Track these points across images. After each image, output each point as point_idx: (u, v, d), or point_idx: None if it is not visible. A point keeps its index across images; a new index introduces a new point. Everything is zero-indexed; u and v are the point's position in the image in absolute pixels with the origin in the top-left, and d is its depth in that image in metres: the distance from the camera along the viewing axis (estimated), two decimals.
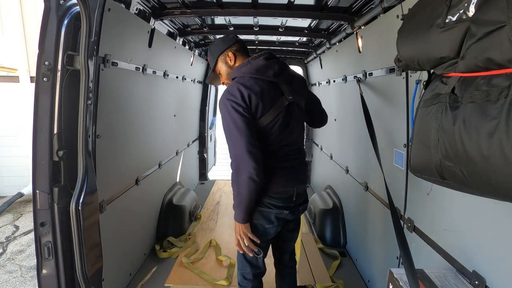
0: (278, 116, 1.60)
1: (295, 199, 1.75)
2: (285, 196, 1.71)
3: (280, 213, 1.71)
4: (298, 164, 1.79)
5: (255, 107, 1.53)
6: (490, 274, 1.21)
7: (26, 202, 5.27)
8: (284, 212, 1.73)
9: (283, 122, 1.62)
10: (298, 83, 1.78)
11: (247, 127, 1.50)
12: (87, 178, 1.70)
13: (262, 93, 1.55)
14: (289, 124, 1.66)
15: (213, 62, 1.77)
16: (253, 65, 1.62)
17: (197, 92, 4.96)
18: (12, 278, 3.26)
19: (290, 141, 1.71)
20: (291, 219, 1.80)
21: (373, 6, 2.22)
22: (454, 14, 0.96)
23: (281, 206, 1.70)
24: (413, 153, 1.17)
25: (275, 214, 1.71)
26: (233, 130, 1.50)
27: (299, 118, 1.76)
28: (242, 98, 1.51)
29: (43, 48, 1.55)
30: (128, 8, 2.13)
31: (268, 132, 1.60)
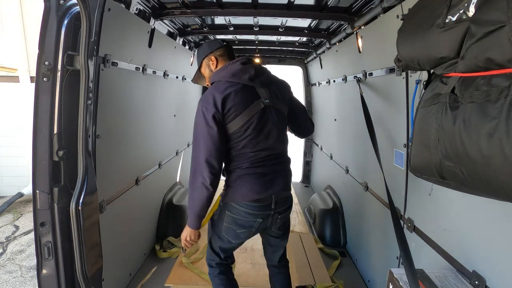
0: (252, 119, 1.61)
1: (274, 207, 1.71)
2: (261, 204, 1.67)
3: (254, 221, 1.70)
4: (278, 170, 1.73)
5: (227, 110, 1.56)
6: (490, 274, 1.21)
7: (26, 202, 5.27)
8: (258, 221, 1.70)
9: (257, 125, 1.62)
10: (279, 88, 1.78)
11: (210, 136, 1.56)
12: (87, 178, 1.70)
13: (236, 96, 1.58)
14: (264, 128, 1.65)
15: (198, 64, 1.83)
16: (229, 69, 1.66)
17: (197, 92, 4.96)
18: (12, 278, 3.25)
19: (267, 145, 1.68)
20: (267, 226, 1.77)
21: (373, 6, 2.22)
22: (454, 14, 0.96)
23: (256, 214, 1.69)
24: (413, 153, 1.17)
25: (248, 221, 1.70)
26: (199, 136, 1.60)
27: (279, 123, 1.73)
28: (214, 103, 1.55)
29: (43, 48, 1.55)
30: (128, 8, 2.13)
31: (241, 135, 1.61)
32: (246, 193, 1.66)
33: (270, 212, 1.72)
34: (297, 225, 3.71)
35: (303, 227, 3.65)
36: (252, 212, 1.68)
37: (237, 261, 2.79)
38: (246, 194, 1.65)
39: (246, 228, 1.72)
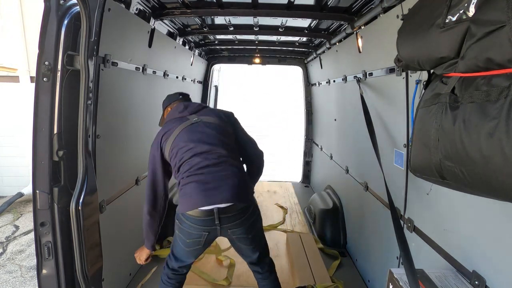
0: (181, 132, 1.81)
1: (218, 222, 1.63)
2: (202, 218, 1.63)
3: (199, 235, 1.69)
4: (222, 178, 1.67)
5: (165, 139, 1.83)
6: (490, 274, 1.21)
7: (26, 202, 5.27)
8: (204, 234, 1.68)
9: (185, 134, 1.79)
10: (215, 112, 1.99)
11: (155, 167, 1.85)
12: (87, 178, 1.70)
13: (169, 126, 1.86)
14: (194, 135, 1.78)
15: (162, 111, 2.14)
16: (169, 113, 2.00)
17: (197, 92, 4.96)
18: (12, 278, 3.25)
19: (204, 150, 1.72)
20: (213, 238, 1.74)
21: (373, 6, 2.22)
22: (454, 14, 0.96)
23: (198, 228, 1.67)
24: (413, 153, 1.17)
25: (192, 233, 1.69)
26: (148, 168, 1.88)
27: (214, 131, 1.82)
28: (157, 138, 1.86)
29: (43, 48, 1.55)
30: (128, 8, 2.13)
31: (175, 147, 1.78)
32: (186, 203, 1.67)
33: (215, 227, 1.66)
34: (297, 225, 3.71)
35: (303, 227, 3.65)
36: (193, 225, 1.67)
37: (237, 261, 2.79)
38: (186, 205, 1.67)
39: (193, 238, 1.71)
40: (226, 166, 1.72)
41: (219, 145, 1.76)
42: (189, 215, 1.66)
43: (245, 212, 1.70)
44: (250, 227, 1.75)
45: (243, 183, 1.74)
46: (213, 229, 1.68)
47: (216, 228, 1.67)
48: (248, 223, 1.73)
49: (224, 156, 1.74)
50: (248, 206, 1.72)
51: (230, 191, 1.65)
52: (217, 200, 1.63)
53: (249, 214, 1.72)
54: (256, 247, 1.84)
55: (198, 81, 4.77)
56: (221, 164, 1.72)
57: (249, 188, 1.82)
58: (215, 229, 1.68)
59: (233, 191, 1.66)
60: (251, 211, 1.74)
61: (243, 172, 1.82)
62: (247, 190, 1.76)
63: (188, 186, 1.68)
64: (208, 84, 5.17)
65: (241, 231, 1.73)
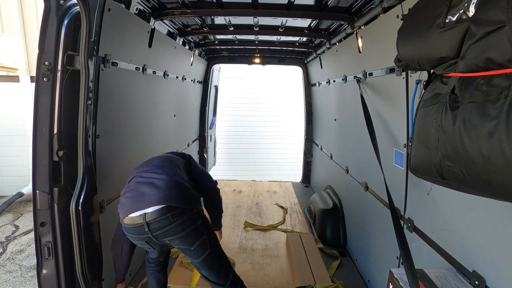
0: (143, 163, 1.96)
1: (147, 229, 1.59)
2: (131, 225, 1.62)
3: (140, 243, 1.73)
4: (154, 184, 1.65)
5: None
6: (490, 274, 1.21)
7: (26, 202, 5.27)
8: (143, 243, 1.71)
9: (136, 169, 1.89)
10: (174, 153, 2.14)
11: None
12: (87, 178, 1.70)
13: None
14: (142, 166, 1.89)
15: None
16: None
17: (197, 92, 4.96)
18: (12, 278, 3.25)
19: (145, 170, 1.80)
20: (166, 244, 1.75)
21: (373, 6, 2.22)
22: (454, 14, 0.96)
23: (134, 237, 1.69)
24: (413, 153, 1.17)
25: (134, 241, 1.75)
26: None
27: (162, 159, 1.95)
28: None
29: (43, 48, 1.55)
30: (128, 8, 2.13)
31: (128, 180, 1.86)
32: (120, 212, 1.69)
33: (148, 236, 1.62)
34: (297, 225, 3.71)
35: (303, 227, 3.65)
36: (129, 235, 1.70)
37: (237, 261, 2.79)
38: (120, 214, 1.69)
39: (139, 245, 1.78)
40: (164, 177, 1.71)
41: (162, 167, 1.81)
42: (124, 224, 1.66)
43: (178, 217, 1.59)
44: (188, 238, 1.64)
45: (178, 188, 1.68)
46: (147, 237, 1.64)
47: (149, 236, 1.62)
48: (184, 233, 1.62)
49: (164, 173, 1.75)
50: (183, 210, 1.61)
51: (159, 194, 1.61)
52: (144, 204, 1.59)
53: (184, 220, 1.61)
54: (204, 263, 1.72)
55: (198, 81, 4.77)
56: (158, 177, 1.71)
57: (188, 194, 1.71)
58: (149, 237, 1.64)
59: (163, 193, 1.62)
60: (189, 216, 1.63)
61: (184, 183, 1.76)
62: (182, 194, 1.66)
63: (123, 198, 1.70)
64: (208, 84, 5.17)
65: (179, 242, 1.65)
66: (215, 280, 1.81)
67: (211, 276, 1.80)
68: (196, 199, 1.77)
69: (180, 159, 2.06)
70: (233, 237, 3.34)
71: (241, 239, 3.28)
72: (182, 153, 2.24)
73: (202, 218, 1.74)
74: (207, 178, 2.12)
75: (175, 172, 1.81)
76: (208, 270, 1.78)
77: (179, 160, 2.02)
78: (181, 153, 2.23)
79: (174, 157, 2.04)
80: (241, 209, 4.14)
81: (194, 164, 2.14)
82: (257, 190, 5.00)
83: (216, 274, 1.79)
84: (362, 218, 2.73)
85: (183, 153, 2.24)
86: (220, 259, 1.82)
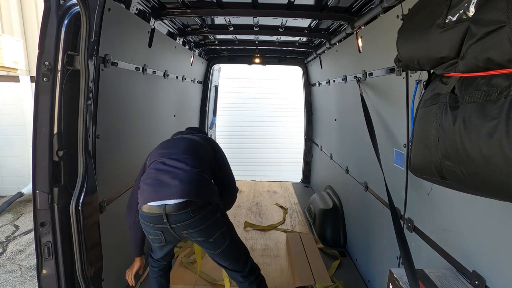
0: (159, 145, 1.99)
1: (166, 220, 1.60)
2: (149, 214, 1.64)
3: (155, 233, 1.71)
4: (175, 175, 1.67)
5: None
6: (490, 274, 1.21)
7: (26, 202, 5.28)
8: (158, 233, 1.69)
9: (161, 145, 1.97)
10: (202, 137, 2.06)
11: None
12: (87, 178, 1.70)
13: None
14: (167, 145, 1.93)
15: None
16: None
17: (197, 92, 4.96)
18: (12, 278, 3.26)
19: (168, 156, 1.80)
20: (173, 239, 1.73)
21: (373, 6, 2.22)
22: (454, 14, 0.96)
23: (150, 226, 1.68)
24: (413, 153, 1.17)
25: (149, 231, 1.72)
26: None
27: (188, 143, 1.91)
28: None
29: (43, 48, 1.55)
30: (128, 8, 2.13)
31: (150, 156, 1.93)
32: (139, 199, 1.70)
33: (166, 226, 1.63)
34: (297, 225, 3.71)
35: (303, 227, 3.65)
36: (145, 223, 1.69)
37: None
38: (139, 201, 1.70)
39: (152, 236, 1.73)
40: (186, 168, 1.72)
41: (187, 154, 1.80)
42: (141, 211, 1.68)
43: (198, 211, 1.61)
44: (207, 230, 1.65)
45: (199, 182, 1.68)
46: (164, 228, 1.65)
47: (167, 227, 1.63)
48: (203, 226, 1.63)
49: (187, 163, 1.74)
50: (203, 205, 1.63)
51: (180, 186, 1.62)
52: (165, 195, 1.61)
53: (204, 214, 1.63)
54: (223, 254, 1.75)
55: (198, 81, 4.77)
56: (181, 167, 1.72)
57: (208, 188, 1.72)
58: (166, 228, 1.64)
59: (184, 187, 1.61)
60: (208, 211, 1.64)
61: (206, 176, 1.76)
62: (203, 189, 1.67)
63: (143, 185, 1.72)
64: (208, 84, 5.17)
65: (198, 234, 1.66)
66: (234, 268, 1.82)
67: (230, 265, 1.81)
68: (215, 193, 1.78)
69: (209, 148, 1.98)
70: None
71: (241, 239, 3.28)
72: (210, 140, 2.12)
73: (221, 210, 1.75)
74: (232, 181, 2.11)
75: (199, 163, 1.78)
76: (227, 260, 1.79)
77: (206, 149, 1.95)
78: (210, 139, 2.11)
79: (202, 145, 1.94)
80: (241, 209, 4.14)
81: (222, 160, 2.06)
82: (257, 190, 5.00)
83: (234, 263, 1.81)
84: (362, 218, 2.73)
85: (211, 141, 2.12)
86: (238, 247, 1.84)
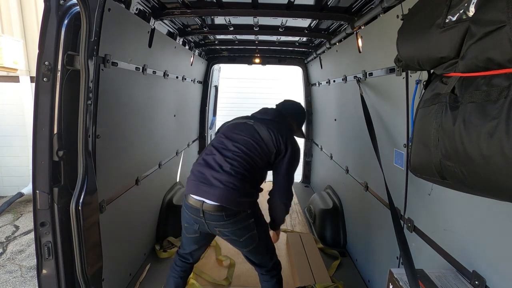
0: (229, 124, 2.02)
1: (202, 215, 1.71)
2: (190, 204, 1.73)
3: (191, 222, 1.77)
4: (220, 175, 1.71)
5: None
6: (490, 274, 1.21)
7: (26, 202, 5.27)
8: (195, 224, 1.76)
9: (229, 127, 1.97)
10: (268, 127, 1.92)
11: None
12: (87, 178, 1.70)
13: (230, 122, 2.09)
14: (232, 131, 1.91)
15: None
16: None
17: (197, 92, 4.96)
18: (12, 278, 3.26)
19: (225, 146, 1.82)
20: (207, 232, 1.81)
21: (373, 6, 2.22)
22: (454, 14, 0.96)
23: (189, 213, 1.76)
24: (413, 153, 1.17)
25: (187, 219, 1.80)
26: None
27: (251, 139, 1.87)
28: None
29: (43, 48, 1.55)
30: (128, 8, 2.13)
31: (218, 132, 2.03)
32: (187, 185, 1.80)
33: (202, 220, 1.73)
34: (297, 225, 3.71)
35: (303, 227, 3.65)
36: (185, 210, 1.79)
37: (237, 261, 2.79)
38: (186, 187, 1.80)
39: (188, 224, 1.81)
40: (230, 171, 1.74)
41: (239, 153, 1.80)
42: (185, 200, 1.79)
43: (231, 217, 1.71)
44: (238, 231, 1.76)
45: (239, 191, 1.72)
46: (200, 221, 1.74)
47: (202, 221, 1.73)
48: (235, 228, 1.75)
49: (234, 166, 1.76)
50: (237, 212, 1.72)
51: (219, 191, 1.69)
52: (204, 193, 1.71)
53: (237, 220, 1.73)
54: (251, 252, 1.88)
55: (198, 81, 4.77)
56: (226, 168, 1.75)
57: (245, 198, 1.76)
58: (202, 222, 1.74)
59: (222, 193, 1.69)
60: (242, 217, 1.74)
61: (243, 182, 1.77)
62: (240, 198, 1.72)
63: (193, 171, 1.81)
64: (208, 84, 5.17)
65: (229, 234, 1.77)
66: (259, 263, 1.95)
67: (256, 260, 1.94)
68: (253, 201, 1.81)
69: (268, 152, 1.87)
70: None
71: None
72: (287, 141, 1.92)
73: (255, 216, 1.80)
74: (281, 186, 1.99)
75: (246, 167, 1.79)
76: (254, 256, 1.93)
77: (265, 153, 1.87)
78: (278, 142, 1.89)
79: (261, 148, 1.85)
80: None
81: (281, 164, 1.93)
82: None
83: (261, 259, 1.94)
84: (362, 218, 2.73)
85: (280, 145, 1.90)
86: (266, 245, 1.93)
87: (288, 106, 2.21)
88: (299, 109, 2.25)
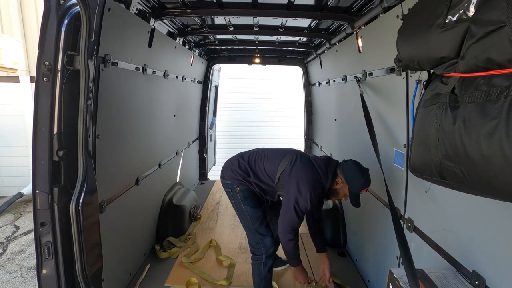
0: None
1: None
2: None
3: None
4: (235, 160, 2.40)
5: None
6: (490, 274, 1.21)
7: (26, 202, 5.28)
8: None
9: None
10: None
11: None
12: (87, 178, 1.70)
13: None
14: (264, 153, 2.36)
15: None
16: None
17: (197, 92, 4.96)
18: (12, 278, 3.26)
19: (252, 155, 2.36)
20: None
21: (373, 6, 2.22)
22: (454, 14, 0.96)
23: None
24: (413, 153, 1.17)
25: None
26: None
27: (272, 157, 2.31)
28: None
29: (43, 48, 1.55)
30: (128, 8, 2.13)
31: None
32: None
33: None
34: None
35: (303, 227, 3.64)
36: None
37: (237, 261, 2.80)
38: None
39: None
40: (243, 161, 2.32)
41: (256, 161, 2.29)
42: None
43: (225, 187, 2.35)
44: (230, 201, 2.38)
45: (229, 168, 2.31)
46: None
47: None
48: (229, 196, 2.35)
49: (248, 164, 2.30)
50: (224, 184, 2.34)
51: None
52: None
53: (227, 192, 2.34)
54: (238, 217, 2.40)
55: (198, 81, 4.77)
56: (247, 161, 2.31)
57: (229, 174, 2.29)
58: None
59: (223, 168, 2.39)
60: (228, 191, 2.32)
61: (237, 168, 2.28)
62: (226, 172, 2.31)
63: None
64: (208, 84, 5.17)
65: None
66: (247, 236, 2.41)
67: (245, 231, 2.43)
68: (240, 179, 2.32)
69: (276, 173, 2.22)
70: (233, 237, 3.34)
71: (241, 239, 3.28)
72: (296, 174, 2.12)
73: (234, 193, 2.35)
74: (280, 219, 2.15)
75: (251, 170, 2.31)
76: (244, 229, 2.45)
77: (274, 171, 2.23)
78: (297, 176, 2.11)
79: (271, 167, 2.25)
80: None
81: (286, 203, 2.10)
82: None
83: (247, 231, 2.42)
84: (362, 218, 2.73)
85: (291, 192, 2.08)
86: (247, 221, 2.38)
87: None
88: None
